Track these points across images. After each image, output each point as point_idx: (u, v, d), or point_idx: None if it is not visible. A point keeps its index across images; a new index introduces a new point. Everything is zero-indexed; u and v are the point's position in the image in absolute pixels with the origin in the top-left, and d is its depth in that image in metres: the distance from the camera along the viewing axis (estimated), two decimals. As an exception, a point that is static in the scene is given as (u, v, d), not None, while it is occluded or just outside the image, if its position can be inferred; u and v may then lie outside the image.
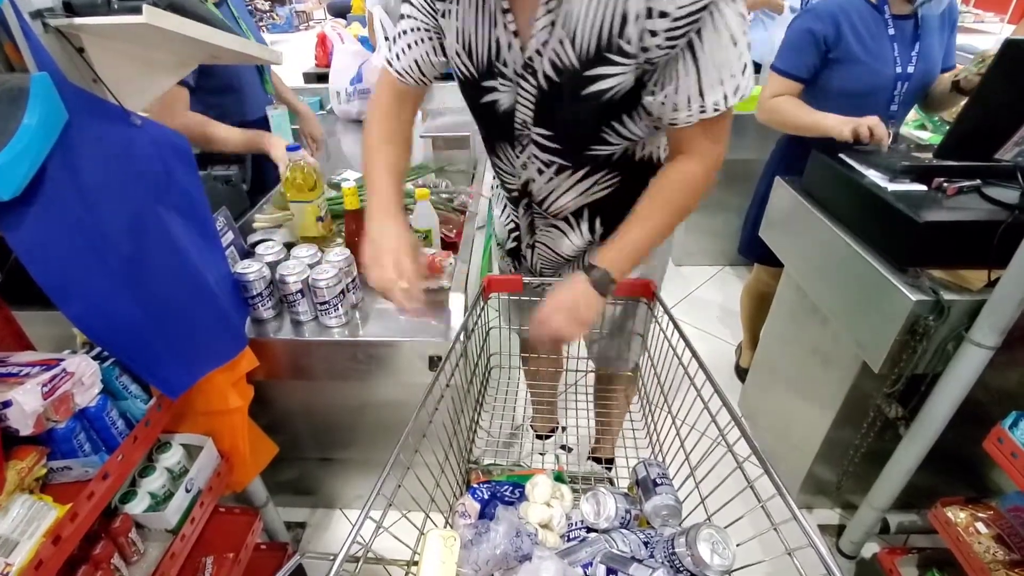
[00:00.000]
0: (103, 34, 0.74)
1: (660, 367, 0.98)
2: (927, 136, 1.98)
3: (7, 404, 0.71)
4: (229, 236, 1.17)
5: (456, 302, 1.10)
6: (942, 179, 1.07)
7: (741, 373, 2.10)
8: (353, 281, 1.13)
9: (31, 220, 0.72)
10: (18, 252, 0.73)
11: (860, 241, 1.17)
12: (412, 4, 0.87)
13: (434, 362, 1.06)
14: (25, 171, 0.69)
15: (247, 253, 1.21)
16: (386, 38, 1.93)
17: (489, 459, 1.04)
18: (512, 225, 1.13)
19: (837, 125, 1.30)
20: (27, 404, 0.72)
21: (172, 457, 1.01)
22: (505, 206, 1.14)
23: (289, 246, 1.16)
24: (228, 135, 1.43)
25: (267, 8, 10.99)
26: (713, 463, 0.76)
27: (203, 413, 1.03)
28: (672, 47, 0.71)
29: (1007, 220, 0.97)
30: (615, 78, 0.76)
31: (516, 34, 0.79)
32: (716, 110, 0.75)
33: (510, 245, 1.16)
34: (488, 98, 0.88)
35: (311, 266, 1.09)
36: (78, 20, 0.72)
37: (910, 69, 1.39)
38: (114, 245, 0.78)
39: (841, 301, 1.26)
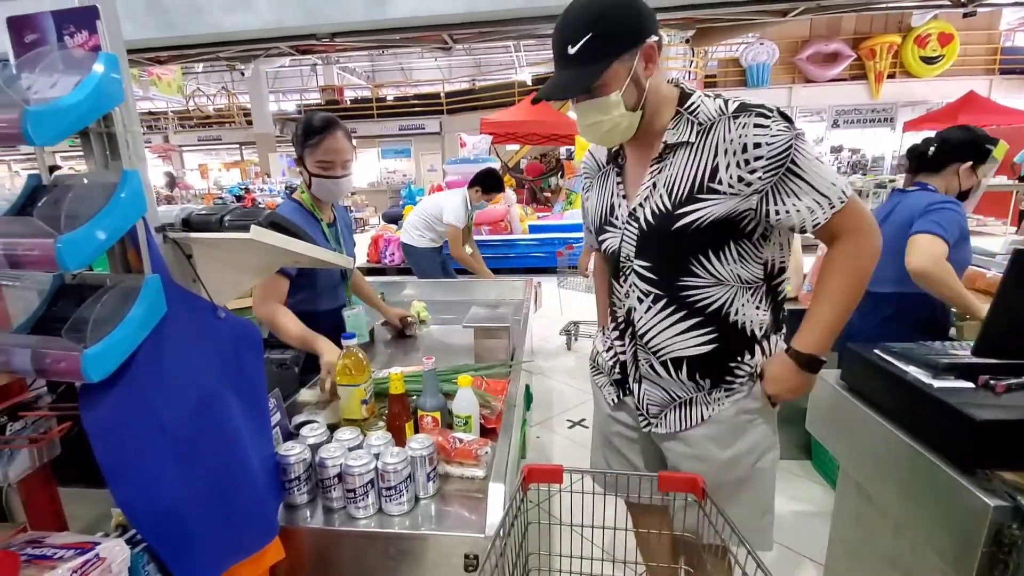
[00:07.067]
0: (211, 245, 0.88)
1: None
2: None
3: (35, 591, 0.69)
4: (277, 417, 1.21)
5: (495, 493, 1.06)
6: (987, 376, 1.06)
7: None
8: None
9: (109, 401, 0.78)
10: (89, 431, 0.77)
11: (915, 438, 1.12)
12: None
13: (470, 561, 0.99)
14: (118, 358, 0.77)
15: (291, 435, 1.24)
16: None
17: None
18: (616, 359, 1.26)
19: (979, 309, 1.70)
20: (53, 593, 0.70)
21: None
22: (611, 343, 1.28)
23: (333, 428, 1.18)
24: (288, 329, 1.58)
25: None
26: None
27: (216, 615, 0.95)
28: (774, 176, 1.00)
29: (1070, 420, 0.93)
30: (703, 211, 1.03)
31: (624, 196, 1.16)
32: (841, 201, 1.02)
33: (616, 376, 1.26)
34: (603, 242, 1.20)
35: (350, 450, 1.09)
36: (194, 234, 0.87)
37: None
38: (175, 427, 0.82)
39: (909, 505, 1.15)
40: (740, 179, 1.01)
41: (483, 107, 14.05)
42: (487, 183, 3.67)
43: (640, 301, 1.14)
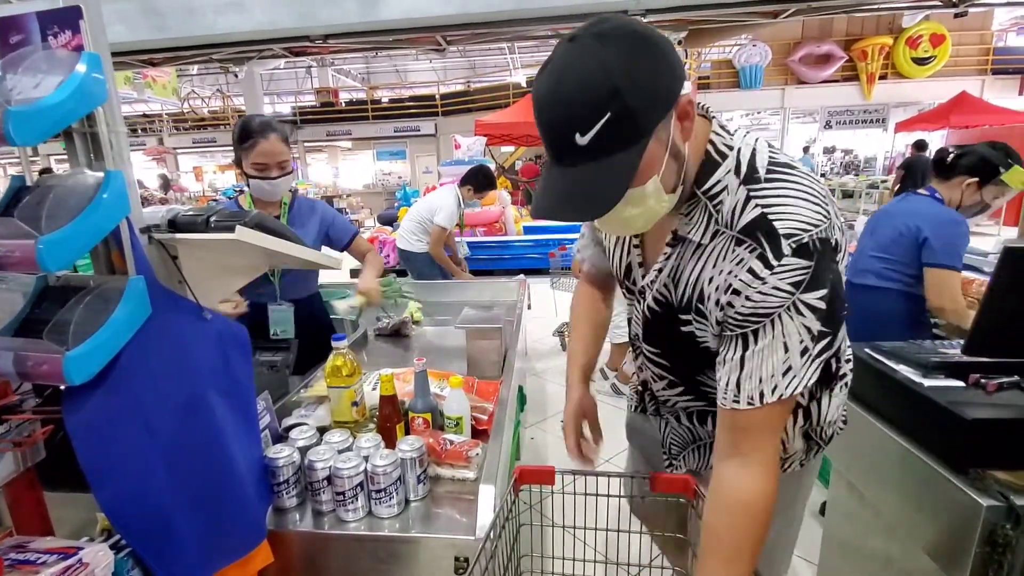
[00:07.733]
0: (197, 246, 0.87)
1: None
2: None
3: (15, 598, 0.68)
4: (266, 419, 1.20)
5: (485, 495, 1.05)
6: (978, 375, 1.07)
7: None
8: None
9: (92, 404, 0.77)
10: (72, 434, 0.76)
11: (906, 437, 1.12)
12: None
13: (460, 564, 0.98)
14: (101, 360, 0.76)
15: (280, 437, 1.23)
16: None
17: None
18: (640, 395, 1.17)
19: None
20: (34, 600, 0.69)
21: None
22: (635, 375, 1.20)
23: (323, 430, 1.17)
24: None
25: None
26: None
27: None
28: (732, 331, 0.79)
29: (1060, 418, 0.93)
30: (701, 331, 0.86)
31: (642, 264, 0.95)
32: (750, 404, 0.77)
33: (648, 407, 1.15)
34: (626, 300, 1.03)
35: (340, 452, 1.09)
36: (179, 235, 0.86)
37: None
38: (160, 431, 0.81)
39: (902, 504, 1.15)
40: (717, 321, 0.82)
41: (478, 109, 14.06)
42: (479, 181, 3.65)
43: (655, 380, 1.03)
